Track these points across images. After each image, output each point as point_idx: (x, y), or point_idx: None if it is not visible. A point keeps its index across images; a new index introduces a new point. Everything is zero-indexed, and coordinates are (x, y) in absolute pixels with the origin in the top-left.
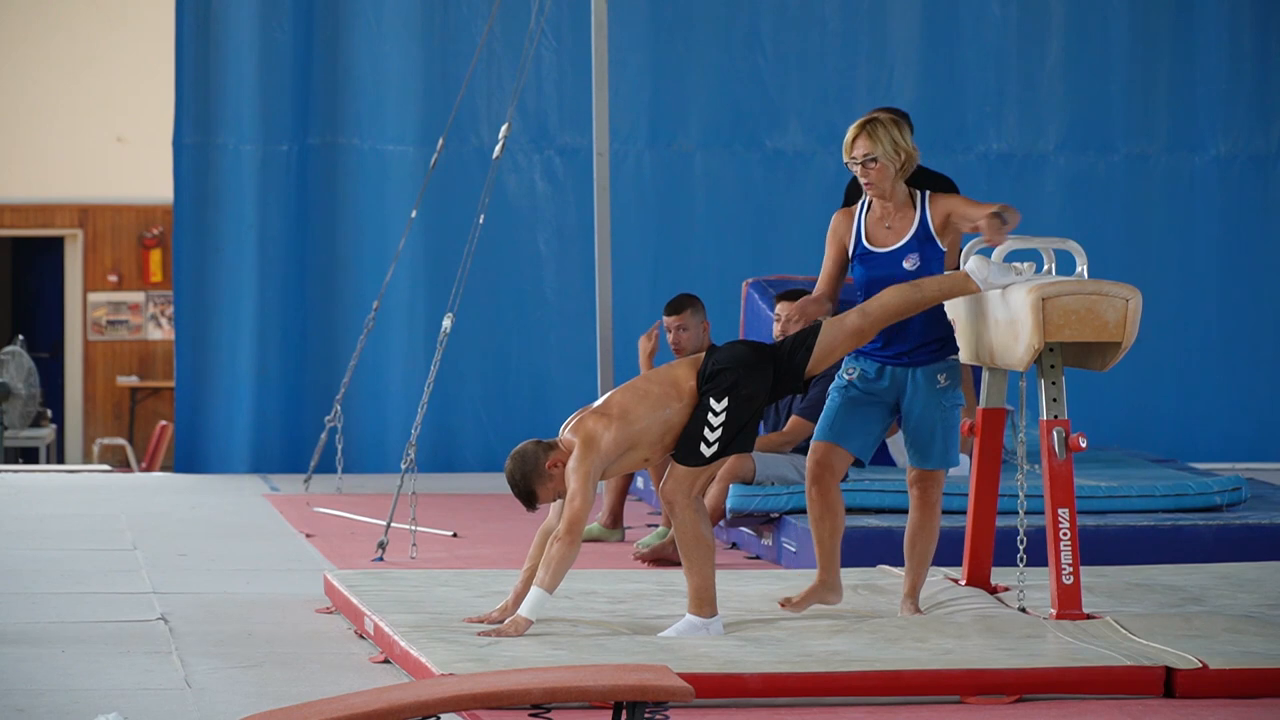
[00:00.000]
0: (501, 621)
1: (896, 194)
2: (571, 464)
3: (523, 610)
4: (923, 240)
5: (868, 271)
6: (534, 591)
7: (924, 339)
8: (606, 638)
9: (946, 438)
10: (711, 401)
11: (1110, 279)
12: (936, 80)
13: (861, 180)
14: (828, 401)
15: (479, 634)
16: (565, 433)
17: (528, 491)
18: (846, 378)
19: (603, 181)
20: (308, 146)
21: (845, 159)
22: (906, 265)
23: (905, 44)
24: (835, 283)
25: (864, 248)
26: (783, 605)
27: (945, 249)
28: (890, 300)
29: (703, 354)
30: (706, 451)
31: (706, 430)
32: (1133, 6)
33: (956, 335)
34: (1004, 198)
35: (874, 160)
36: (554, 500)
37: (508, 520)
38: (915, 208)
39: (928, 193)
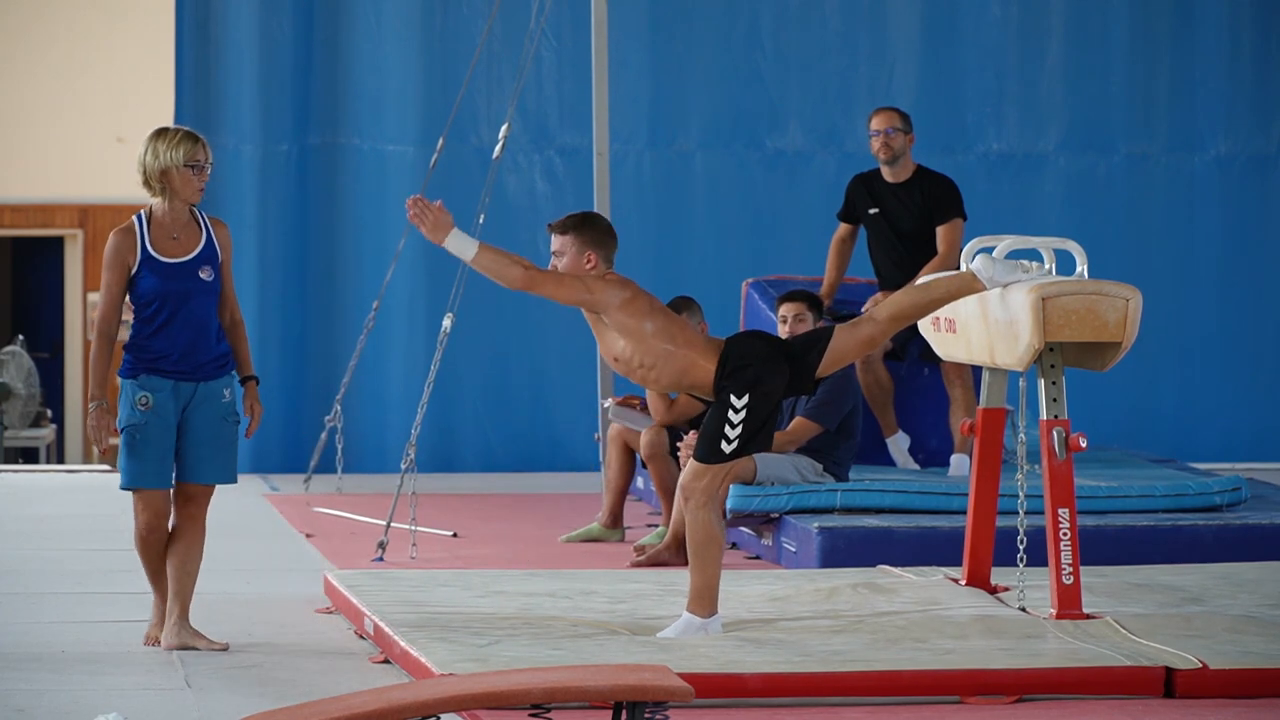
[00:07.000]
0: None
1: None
2: (564, 266)
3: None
4: (210, 253)
5: (163, 282)
6: (471, 240)
7: (214, 355)
8: (606, 638)
9: (229, 451)
10: (732, 398)
11: (1110, 279)
12: (936, 80)
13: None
14: (144, 443)
15: None
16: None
17: (564, 230)
18: (140, 408)
19: (603, 181)
20: (308, 146)
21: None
22: (203, 275)
23: (905, 44)
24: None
25: (151, 256)
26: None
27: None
28: (900, 304)
29: (720, 341)
30: (727, 449)
31: (727, 427)
32: (1133, 6)
33: (956, 335)
34: (1004, 198)
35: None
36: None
37: (508, 520)
38: (200, 226)
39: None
